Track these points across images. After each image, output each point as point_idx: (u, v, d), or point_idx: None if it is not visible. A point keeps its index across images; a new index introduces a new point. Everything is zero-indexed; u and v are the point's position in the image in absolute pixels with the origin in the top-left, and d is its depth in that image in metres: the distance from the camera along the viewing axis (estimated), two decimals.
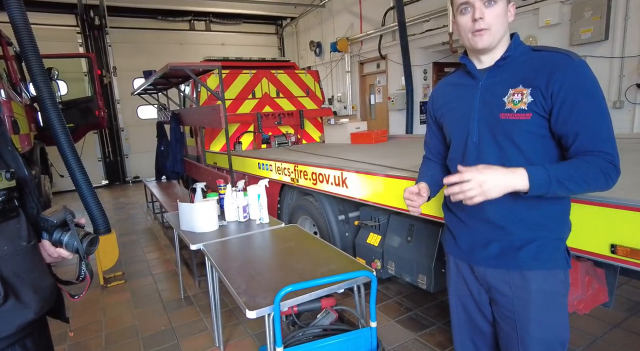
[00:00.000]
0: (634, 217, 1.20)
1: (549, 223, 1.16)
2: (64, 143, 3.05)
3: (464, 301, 1.37)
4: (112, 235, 3.37)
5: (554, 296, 1.18)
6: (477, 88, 1.19)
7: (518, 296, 1.18)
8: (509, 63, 1.15)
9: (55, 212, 1.00)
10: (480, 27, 1.10)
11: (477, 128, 1.17)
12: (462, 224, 1.28)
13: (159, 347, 2.45)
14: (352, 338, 1.56)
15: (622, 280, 2.80)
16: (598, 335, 2.27)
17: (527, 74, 1.11)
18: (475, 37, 1.12)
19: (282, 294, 1.41)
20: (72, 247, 1.00)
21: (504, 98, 1.13)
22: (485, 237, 1.21)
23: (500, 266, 1.20)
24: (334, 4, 8.77)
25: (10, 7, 2.85)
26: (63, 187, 8.00)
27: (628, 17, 4.16)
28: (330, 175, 2.68)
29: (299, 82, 5.17)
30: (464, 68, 1.26)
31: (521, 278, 1.17)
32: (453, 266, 1.37)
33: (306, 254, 2.02)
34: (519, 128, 1.10)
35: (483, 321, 1.35)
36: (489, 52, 1.17)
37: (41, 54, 3.04)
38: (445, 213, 1.39)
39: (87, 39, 8.51)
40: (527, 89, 1.09)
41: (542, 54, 1.12)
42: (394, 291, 2.97)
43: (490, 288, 1.25)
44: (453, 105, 1.28)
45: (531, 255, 1.15)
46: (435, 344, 2.28)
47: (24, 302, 0.90)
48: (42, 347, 1.05)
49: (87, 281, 1.07)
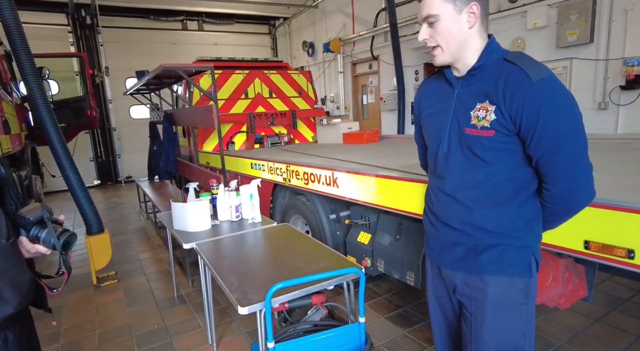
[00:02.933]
0: (605, 215, 1.27)
1: (511, 232, 1.15)
2: (56, 143, 3.05)
3: (440, 301, 1.39)
4: (105, 234, 3.37)
5: (510, 302, 1.17)
6: (453, 98, 1.18)
7: (475, 299, 1.21)
8: (481, 73, 1.12)
9: (32, 209, 1.02)
10: (430, 45, 1.13)
11: (448, 139, 1.18)
12: (433, 227, 1.31)
13: (152, 345, 2.47)
14: (342, 333, 1.60)
15: (604, 277, 2.89)
16: (580, 329, 2.35)
17: (494, 88, 1.06)
18: (431, 55, 1.15)
19: (273, 291, 1.45)
20: (49, 244, 1.03)
21: (470, 112, 1.12)
22: (452, 240, 1.24)
23: (463, 269, 1.22)
24: (327, 5, 8.81)
25: (1, 6, 2.84)
26: (55, 187, 7.93)
27: (612, 20, 4.26)
28: (322, 175, 2.72)
29: (292, 82, 5.21)
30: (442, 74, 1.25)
31: (480, 282, 1.19)
32: (429, 268, 1.40)
33: (297, 252, 2.06)
34: (481, 143, 1.10)
35: (457, 321, 1.37)
36: (457, 64, 1.15)
37: (32, 53, 3.04)
38: (425, 215, 1.40)
39: (78, 38, 8.44)
40: (492, 106, 1.06)
41: (511, 69, 1.05)
42: (384, 288, 3.03)
43: (455, 289, 1.28)
44: (432, 110, 1.28)
45: (492, 260, 1.16)
46: (424, 340, 2.34)
47: (3, 298, 0.93)
48: (24, 339, 1.08)
49: (64, 277, 1.10)
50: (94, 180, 9.03)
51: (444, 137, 1.19)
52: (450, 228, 1.23)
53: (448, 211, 1.21)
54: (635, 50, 4.14)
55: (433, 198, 1.29)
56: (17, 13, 2.93)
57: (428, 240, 1.37)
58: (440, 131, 1.21)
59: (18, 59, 2.97)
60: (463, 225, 1.19)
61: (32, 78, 3.00)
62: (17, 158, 4.54)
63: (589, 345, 2.20)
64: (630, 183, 1.50)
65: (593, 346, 2.19)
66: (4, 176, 1.05)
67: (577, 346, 2.19)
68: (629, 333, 2.27)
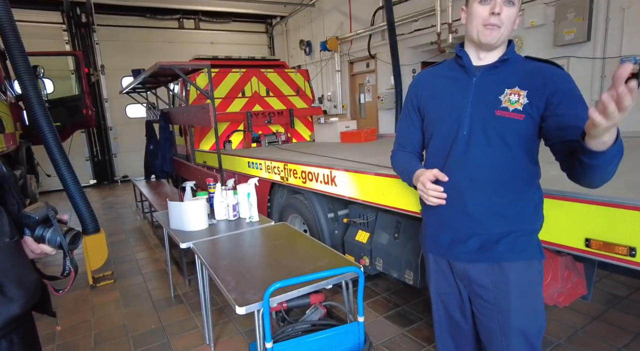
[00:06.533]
0: (606, 212, 1.26)
1: (524, 216, 1.21)
2: (51, 142, 3.02)
3: (444, 299, 1.40)
4: (101, 234, 3.34)
5: (531, 285, 1.23)
6: (471, 84, 1.22)
7: (498, 288, 1.23)
8: (507, 65, 1.20)
9: (37, 208, 1.00)
10: (494, 22, 1.13)
11: (469, 123, 1.20)
12: (441, 220, 1.30)
13: (149, 346, 2.45)
14: (340, 332, 1.59)
15: (602, 275, 2.89)
16: (578, 327, 2.34)
17: (524, 77, 1.16)
18: (486, 30, 1.15)
19: (271, 290, 1.44)
20: (55, 243, 1.01)
21: (500, 97, 1.17)
22: (465, 232, 1.24)
23: (480, 260, 1.24)
24: (324, 3, 8.79)
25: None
26: (50, 187, 7.88)
27: (609, 19, 4.27)
28: (320, 174, 2.71)
29: (289, 81, 5.19)
30: (457, 61, 1.27)
31: (500, 270, 1.22)
32: (433, 264, 1.39)
33: (295, 251, 2.05)
34: (511, 127, 1.16)
35: (462, 320, 1.38)
36: (490, 50, 1.20)
37: (27, 52, 3.00)
38: (424, 211, 1.40)
39: (73, 36, 8.37)
40: (524, 91, 1.15)
41: (537, 63, 1.19)
42: (382, 287, 3.02)
43: (470, 282, 1.28)
44: (442, 97, 1.28)
45: (508, 248, 1.20)
46: (423, 339, 2.33)
47: (9, 297, 0.91)
48: (29, 342, 1.06)
49: (71, 276, 1.08)
50: (90, 180, 8.98)
51: (464, 120, 1.21)
52: (466, 217, 1.23)
53: (464, 198, 1.21)
54: (632, 49, 4.14)
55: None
56: (10, 11, 2.90)
57: (433, 234, 1.35)
58: (459, 115, 1.22)
59: (12, 57, 2.93)
60: (481, 211, 1.20)
61: (27, 77, 2.96)
62: (12, 157, 4.50)
63: (587, 343, 2.20)
64: (631, 181, 1.49)
65: (592, 344, 2.19)
66: (6, 174, 1.04)
67: (576, 344, 2.19)
68: (628, 331, 2.27)
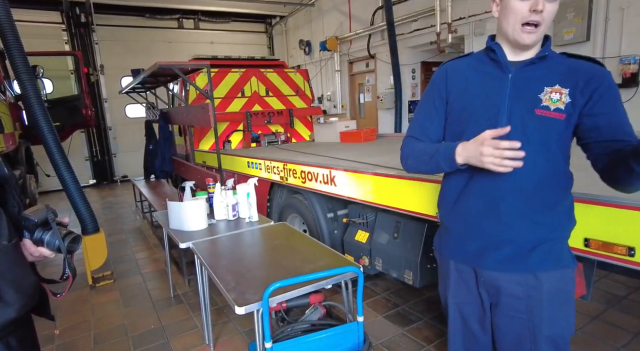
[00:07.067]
0: (605, 212, 1.26)
1: (560, 222, 1.16)
2: (50, 142, 3.02)
3: (462, 308, 1.32)
4: (101, 234, 3.34)
5: (566, 294, 1.18)
6: (506, 80, 1.14)
7: (532, 298, 1.17)
8: (545, 62, 1.13)
9: (37, 210, 0.99)
10: (537, 20, 1.06)
11: (506, 122, 1.11)
12: (469, 225, 1.22)
13: (148, 346, 2.45)
14: (340, 332, 1.60)
15: (602, 274, 2.90)
16: (578, 327, 2.34)
17: (564, 75, 1.10)
18: (523, 33, 1.08)
19: (270, 290, 1.44)
20: (54, 246, 1.00)
21: (539, 95, 1.11)
22: (496, 239, 1.17)
23: (513, 270, 1.17)
24: (323, 3, 8.78)
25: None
26: (49, 187, 7.87)
27: (608, 18, 4.27)
28: (319, 174, 2.71)
29: (289, 80, 5.18)
30: (488, 54, 1.19)
31: (534, 280, 1.16)
32: (453, 272, 1.30)
33: (295, 251, 2.04)
34: (552, 127, 1.10)
35: (480, 331, 1.31)
36: (531, 47, 1.13)
37: (26, 52, 3.00)
38: (448, 215, 1.30)
39: (73, 36, 8.36)
40: (566, 89, 1.09)
41: (577, 61, 1.13)
42: (382, 287, 3.02)
43: (499, 292, 1.21)
44: (474, 92, 1.19)
45: (543, 256, 1.14)
46: (422, 339, 2.33)
47: (5, 301, 0.90)
48: (27, 344, 1.05)
49: (69, 280, 1.07)
50: (90, 180, 8.97)
51: (501, 119, 1.13)
52: (498, 224, 1.15)
53: (497, 203, 1.13)
54: (632, 48, 4.14)
55: (473, 191, 1.19)
56: (10, 11, 2.89)
57: (458, 241, 1.27)
58: (496, 113, 1.14)
59: (11, 57, 2.93)
60: (515, 218, 1.13)
61: (26, 76, 2.96)
62: (11, 157, 4.50)
63: (587, 342, 2.20)
64: None
65: (591, 344, 2.19)
66: (6, 176, 1.02)
67: (575, 344, 2.19)
68: (627, 331, 2.28)
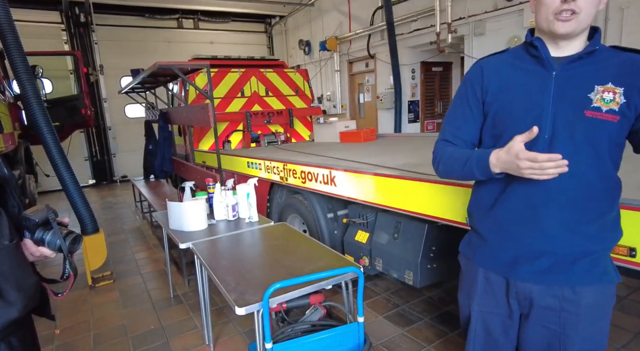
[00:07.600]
0: None
1: (606, 234, 1.08)
2: (49, 142, 3.01)
3: (487, 317, 1.25)
4: (100, 234, 3.34)
5: (605, 310, 1.12)
6: (550, 78, 1.05)
7: (567, 311, 1.10)
8: (593, 57, 1.03)
9: (38, 210, 1.00)
10: (570, 7, 0.96)
11: (552, 124, 1.03)
12: (505, 233, 1.14)
13: (148, 346, 2.45)
14: (340, 333, 1.59)
15: None
16: None
17: (617, 72, 1.00)
18: (558, 22, 0.99)
19: (270, 291, 1.44)
20: (55, 246, 1.00)
21: (589, 95, 1.01)
22: (534, 249, 1.10)
23: (552, 282, 1.10)
24: (323, 3, 8.78)
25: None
26: (49, 187, 7.87)
27: (608, 19, 4.27)
28: (319, 174, 2.71)
29: (288, 80, 5.18)
30: (528, 50, 1.10)
31: (572, 294, 1.09)
32: (482, 279, 1.23)
33: (295, 252, 2.04)
34: (603, 130, 1.00)
35: (505, 342, 1.24)
36: (570, 39, 1.03)
37: (25, 51, 3.00)
38: (481, 221, 1.22)
39: (72, 36, 8.35)
40: (620, 88, 0.99)
41: (631, 55, 1.03)
42: (382, 287, 3.02)
43: (532, 303, 1.14)
44: (515, 92, 1.10)
45: (586, 269, 1.07)
46: (423, 339, 2.33)
47: (8, 301, 0.90)
48: (28, 344, 1.05)
49: (70, 280, 1.08)
50: (89, 180, 8.96)
51: (546, 121, 1.04)
52: (538, 233, 1.08)
53: (539, 211, 1.05)
54: None
55: (511, 196, 1.11)
56: (9, 11, 2.89)
57: (492, 249, 1.19)
58: (539, 115, 1.05)
59: (10, 56, 2.93)
60: (558, 228, 1.05)
61: (25, 76, 2.96)
62: (11, 157, 4.49)
63: None
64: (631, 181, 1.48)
65: None
66: (6, 176, 1.03)
67: None
68: (627, 331, 2.28)
